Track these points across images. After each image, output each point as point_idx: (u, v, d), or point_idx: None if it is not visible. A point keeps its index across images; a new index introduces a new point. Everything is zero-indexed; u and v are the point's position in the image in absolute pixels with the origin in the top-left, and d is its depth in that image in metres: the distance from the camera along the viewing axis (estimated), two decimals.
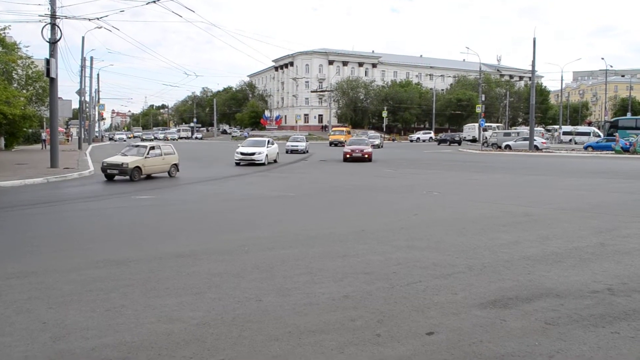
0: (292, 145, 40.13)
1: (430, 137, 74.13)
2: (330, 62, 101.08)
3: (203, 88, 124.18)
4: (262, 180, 19.36)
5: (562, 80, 77.31)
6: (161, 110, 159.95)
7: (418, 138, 74.75)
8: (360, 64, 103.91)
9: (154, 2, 22.75)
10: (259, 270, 6.53)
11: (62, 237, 9.12)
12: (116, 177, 18.88)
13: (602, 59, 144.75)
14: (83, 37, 53.35)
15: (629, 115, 74.56)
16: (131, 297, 5.51)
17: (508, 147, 46.29)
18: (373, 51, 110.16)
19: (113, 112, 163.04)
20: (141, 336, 4.47)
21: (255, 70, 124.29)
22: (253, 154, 26.38)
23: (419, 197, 14.36)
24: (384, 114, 79.72)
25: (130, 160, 18.61)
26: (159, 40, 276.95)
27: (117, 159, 19.08)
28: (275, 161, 28.67)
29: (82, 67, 45.51)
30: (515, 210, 11.42)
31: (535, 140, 44.47)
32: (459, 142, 60.54)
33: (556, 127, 67.58)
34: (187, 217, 11.21)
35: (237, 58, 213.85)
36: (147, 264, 6.93)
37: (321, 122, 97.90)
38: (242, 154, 26.48)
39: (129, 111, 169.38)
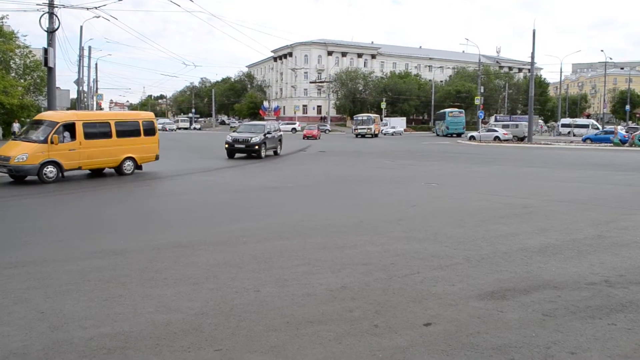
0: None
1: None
2: (329, 53, 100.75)
3: (202, 78, 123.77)
4: (260, 171, 19.34)
5: (561, 72, 77.25)
6: (159, 101, 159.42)
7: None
8: (359, 55, 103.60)
9: None
10: (257, 261, 6.53)
11: (60, 227, 9.12)
12: None
13: (602, 51, 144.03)
14: (81, 27, 53.11)
15: (627, 108, 74.70)
16: (129, 287, 5.52)
17: (472, 137, 47.17)
18: (372, 42, 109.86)
19: (111, 102, 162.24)
20: (139, 326, 4.47)
21: (254, 60, 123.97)
22: None
23: (417, 188, 14.37)
24: (383, 105, 79.63)
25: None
26: (160, 30, 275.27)
27: None
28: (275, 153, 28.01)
29: (81, 56, 45.23)
30: (514, 202, 11.42)
31: (496, 131, 45.88)
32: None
33: (555, 123, 67.83)
34: (185, 208, 11.20)
35: (237, 48, 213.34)
36: (145, 254, 6.93)
37: (320, 113, 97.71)
38: None
39: (127, 101, 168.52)
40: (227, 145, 24.42)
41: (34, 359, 3.89)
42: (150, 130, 17.99)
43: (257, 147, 24.05)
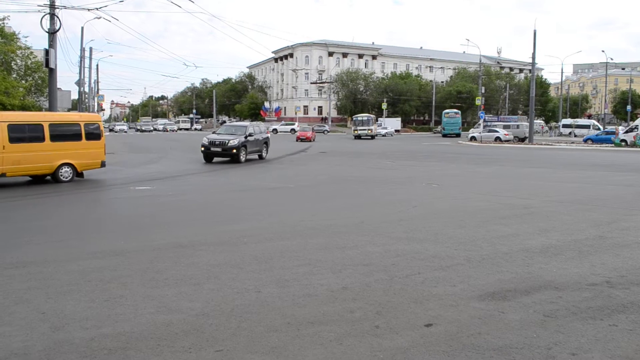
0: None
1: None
2: (330, 54, 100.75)
3: (202, 79, 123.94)
4: (260, 172, 19.35)
5: (562, 72, 77.39)
6: (160, 102, 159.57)
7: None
8: (360, 56, 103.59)
9: None
10: (257, 262, 6.53)
11: (60, 228, 9.12)
12: None
13: (603, 51, 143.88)
14: (82, 28, 53.06)
15: (628, 108, 74.64)
16: (130, 287, 5.52)
17: (473, 138, 47.35)
18: (373, 43, 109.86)
19: (112, 103, 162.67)
20: (140, 326, 4.47)
21: (255, 61, 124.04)
22: None
23: (418, 189, 14.36)
24: (384, 105, 79.62)
25: None
26: (161, 31, 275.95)
27: None
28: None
29: (82, 57, 45.20)
30: (514, 203, 11.41)
31: (497, 132, 46.16)
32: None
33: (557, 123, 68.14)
34: (186, 208, 11.19)
35: (237, 49, 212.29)
36: (146, 254, 6.93)
37: (321, 113, 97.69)
38: None
39: (129, 102, 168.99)
40: (202, 148, 21.89)
41: (35, 359, 3.89)
42: (93, 134, 15.88)
43: (234, 150, 21.60)
